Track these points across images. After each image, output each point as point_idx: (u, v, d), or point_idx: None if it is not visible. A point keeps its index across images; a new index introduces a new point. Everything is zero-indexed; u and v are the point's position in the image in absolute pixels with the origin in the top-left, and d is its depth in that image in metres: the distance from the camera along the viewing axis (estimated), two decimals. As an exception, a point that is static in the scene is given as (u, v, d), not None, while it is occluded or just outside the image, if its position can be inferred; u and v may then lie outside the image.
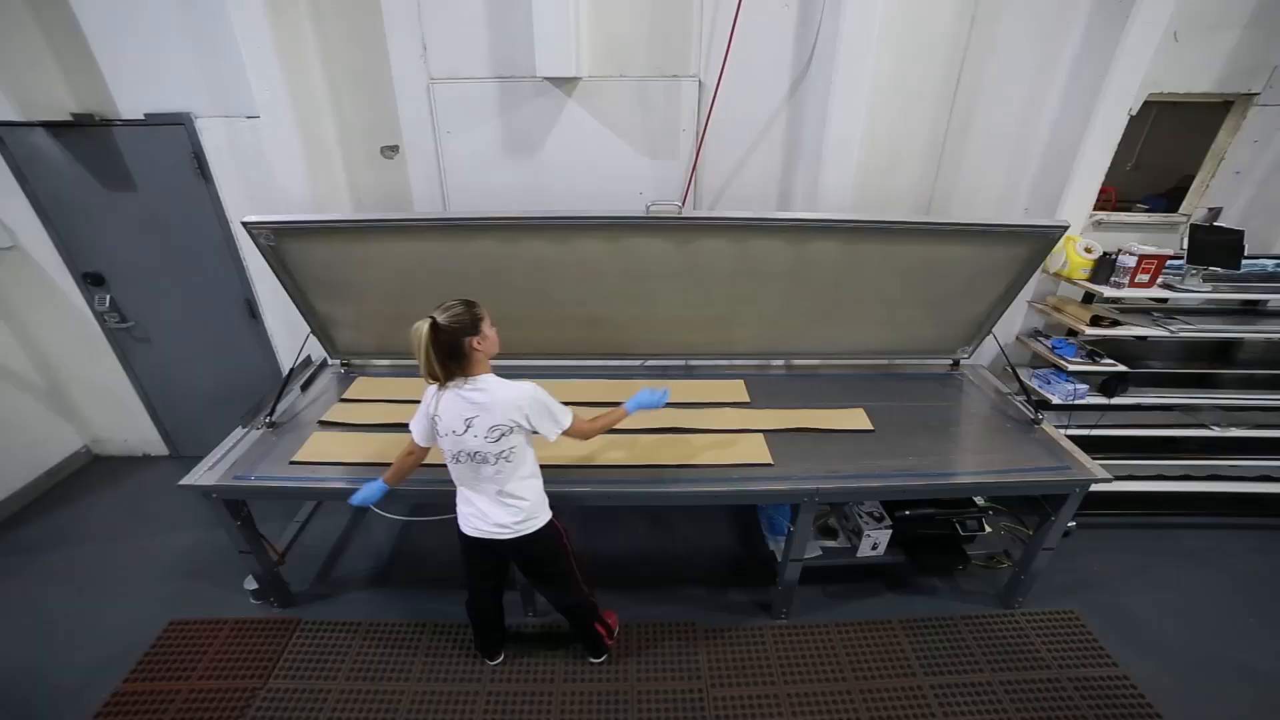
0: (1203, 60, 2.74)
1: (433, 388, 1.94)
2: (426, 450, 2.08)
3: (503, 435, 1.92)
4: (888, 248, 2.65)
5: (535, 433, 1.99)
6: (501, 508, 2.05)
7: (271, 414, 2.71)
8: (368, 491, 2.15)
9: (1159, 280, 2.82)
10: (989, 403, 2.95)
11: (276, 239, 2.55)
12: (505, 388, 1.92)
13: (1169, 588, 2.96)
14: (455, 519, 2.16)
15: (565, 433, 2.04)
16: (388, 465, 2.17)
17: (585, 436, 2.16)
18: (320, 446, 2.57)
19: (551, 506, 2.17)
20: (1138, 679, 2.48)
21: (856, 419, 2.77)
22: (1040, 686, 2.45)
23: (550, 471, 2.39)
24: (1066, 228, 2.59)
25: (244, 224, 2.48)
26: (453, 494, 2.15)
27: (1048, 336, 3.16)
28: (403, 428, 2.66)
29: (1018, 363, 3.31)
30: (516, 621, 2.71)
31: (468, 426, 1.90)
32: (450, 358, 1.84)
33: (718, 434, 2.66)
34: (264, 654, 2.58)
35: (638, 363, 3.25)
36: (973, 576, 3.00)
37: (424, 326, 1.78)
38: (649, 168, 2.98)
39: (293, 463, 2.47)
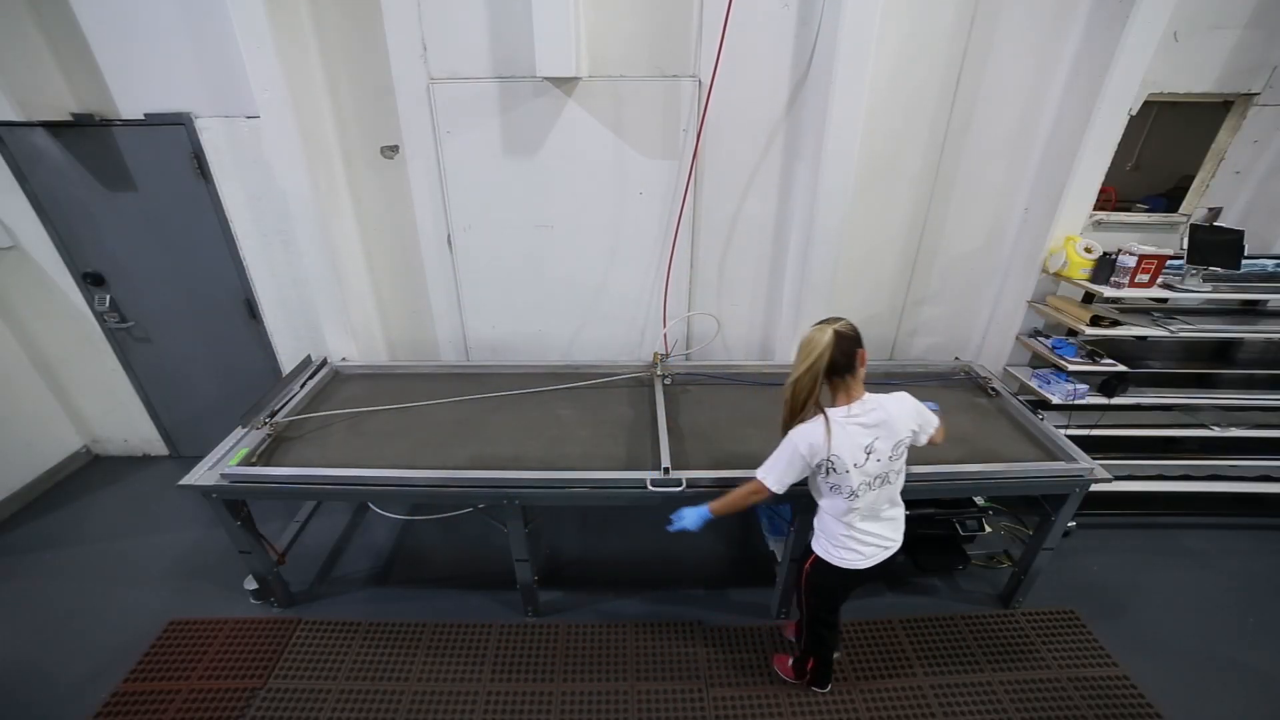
0: (1203, 60, 2.74)
1: (813, 429, 1.78)
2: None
3: (903, 451, 1.85)
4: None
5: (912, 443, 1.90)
6: (893, 525, 1.99)
7: (272, 414, 2.71)
8: (692, 519, 2.05)
9: (1159, 280, 2.82)
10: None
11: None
12: (896, 402, 1.83)
13: (1169, 588, 2.96)
14: (817, 560, 2.04)
15: (930, 438, 1.93)
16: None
17: (936, 442, 1.99)
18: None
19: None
20: (1138, 679, 2.47)
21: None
22: (1040, 686, 2.45)
23: (550, 471, 2.40)
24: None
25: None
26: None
27: (1048, 336, 3.16)
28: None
29: (1018, 363, 3.32)
30: (517, 621, 2.72)
31: (869, 454, 1.79)
32: (836, 371, 1.75)
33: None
34: (264, 654, 2.58)
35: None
36: (973, 576, 3.00)
37: (825, 335, 1.70)
38: (649, 168, 2.98)
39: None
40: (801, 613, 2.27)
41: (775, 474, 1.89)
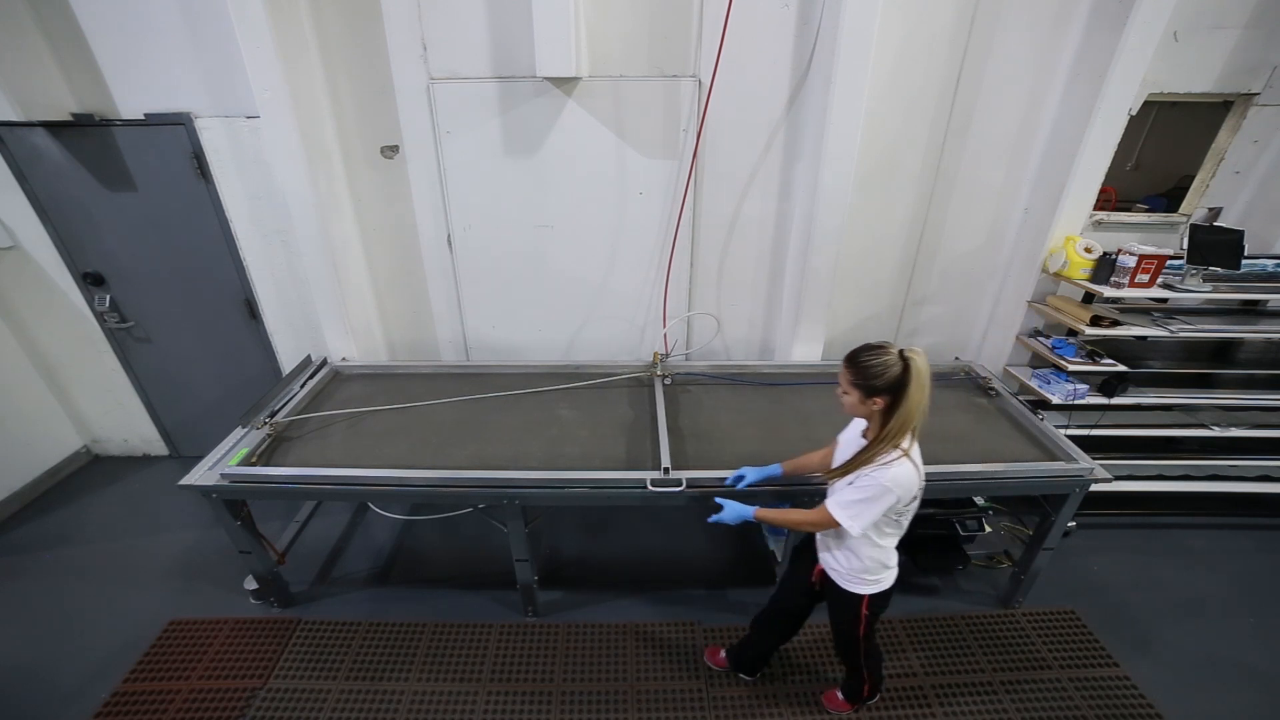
0: (1203, 60, 2.74)
1: (905, 473, 1.69)
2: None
3: None
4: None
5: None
6: None
7: (272, 414, 2.70)
8: (731, 514, 2.00)
9: (1159, 280, 2.82)
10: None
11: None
12: None
13: (1169, 588, 2.96)
14: (871, 598, 1.95)
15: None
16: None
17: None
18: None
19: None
20: (1138, 679, 2.48)
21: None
22: (1041, 686, 2.46)
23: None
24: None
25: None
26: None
27: (1048, 336, 3.16)
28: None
29: (1018, 363, 3.32)
30: (517, 621, 2.72)
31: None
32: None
33: (718, 434, 2.66)
34: (264, 654, 2.58)
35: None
36: (973, 576, 3.00)
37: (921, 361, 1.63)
38: (649, 167, 2.98)
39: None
40: (855, 653, 2.12)
41: (861, 520, 1.73)
